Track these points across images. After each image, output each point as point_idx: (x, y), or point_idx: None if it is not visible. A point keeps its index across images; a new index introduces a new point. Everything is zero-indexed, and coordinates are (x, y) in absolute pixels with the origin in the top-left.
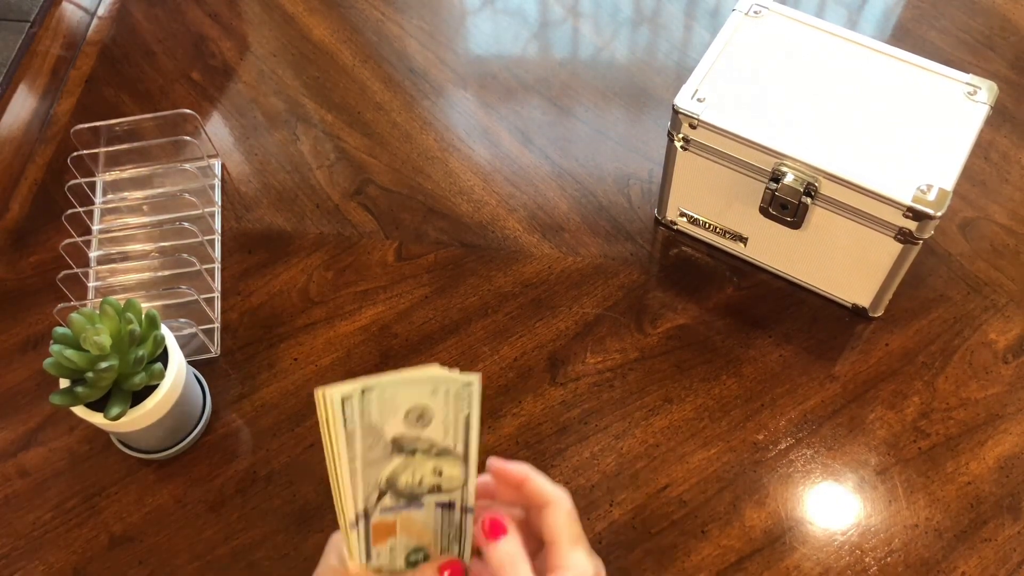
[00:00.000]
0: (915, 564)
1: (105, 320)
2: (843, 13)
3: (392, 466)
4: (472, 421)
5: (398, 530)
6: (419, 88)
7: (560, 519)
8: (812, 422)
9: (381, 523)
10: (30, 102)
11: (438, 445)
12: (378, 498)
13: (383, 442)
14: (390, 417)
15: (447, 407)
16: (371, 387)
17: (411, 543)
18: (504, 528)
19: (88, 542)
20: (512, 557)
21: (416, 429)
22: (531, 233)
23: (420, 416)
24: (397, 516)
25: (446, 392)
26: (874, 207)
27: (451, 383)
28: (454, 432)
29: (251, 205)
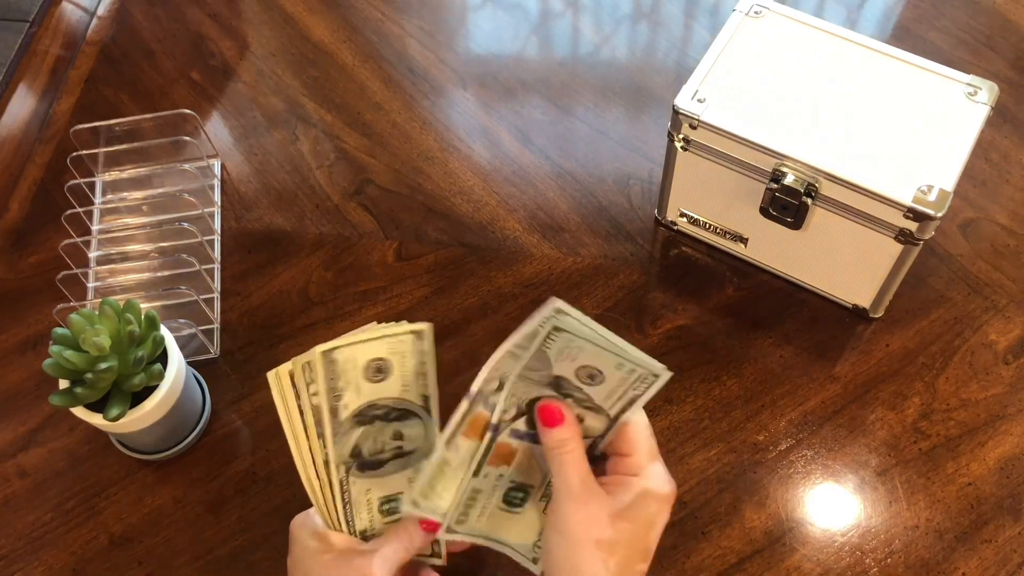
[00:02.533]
0: (915, 565)
1: (104, 321)
2: (843, 13)
3: (542, 393)
4: (639, 402)
5: (515, 460)
6: (419, 88)
7: (641, 431)
8: (812, 423)
9: (505, 446)
10: (29, 102)
11: (595, 403)
12: (514, 416)
13: (548, 372)
14: (566, 361)
15: (624, 382)
16: (567, 329)
17: (518, 476)
18: (562, 417)
19: (87, 543)
20: (565, 442)
21: (583, 382)
22: (531, 233)
23: (592, 376)
24: (520, 445)
25: (631, 371)
26: (874, 208)
27: (639, 368)
28: (616, 399)
29: (251, 205)
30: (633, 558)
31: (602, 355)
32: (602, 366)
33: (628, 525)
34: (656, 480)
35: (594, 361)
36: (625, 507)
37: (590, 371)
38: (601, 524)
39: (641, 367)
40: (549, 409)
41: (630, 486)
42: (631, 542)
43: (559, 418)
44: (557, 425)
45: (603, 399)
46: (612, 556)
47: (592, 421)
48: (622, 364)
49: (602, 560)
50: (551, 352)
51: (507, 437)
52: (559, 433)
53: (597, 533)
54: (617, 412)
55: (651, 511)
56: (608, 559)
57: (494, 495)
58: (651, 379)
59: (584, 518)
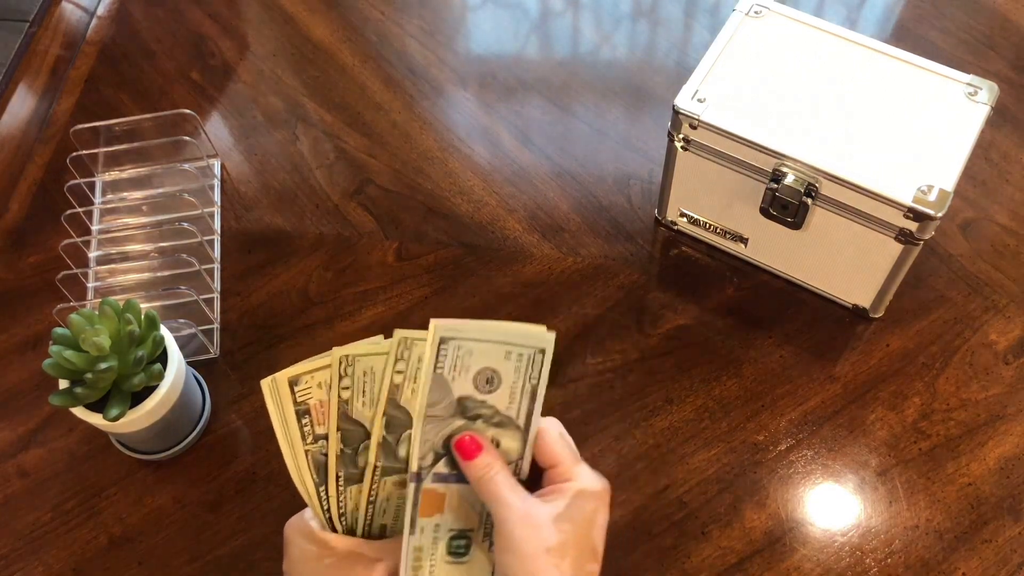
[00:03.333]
0: (915, 565)
1: (104, 321)
2: (843, 13)
3: (453, 427)
4: (539, 388)
5: (446, 506)
6: (419, 88)
7: (556, 440)
8: (812, 423)
9: (432, 492)
10: (29, 102)
11: (501, 413)
12: (433, 461)
13: (450, 399)
14: (462, 374)
15: (517, 372)
16: (450, 337)
17: (455, 523)
18: (478, 445)
19: (87, 543)
20: (489, 466)
21: (483, 392)
22: (531, 233)
23: (489, 380)
24: (447, 489)
25: (519, 356)
26: (875, 208)
27: (524, 348)
28: (520, 397)
29: (251, 205)
30: (582, 558)
31: (490, 350)
32: (493, 363)
33: (570, 526)
34: (586, 479)
35: (485, 360)
36: (564, 510)
37: (486, 375)
38: (546, 530)
39: (524, 345)
40: (463, 442)
41: (564, 491)
42: (577, 543)
43: (476, 447)
44: (476, 455)
45: (506, 404)
46: (563, 559)
47: (508, 442)
48: (509, 351)
49: (555, 566)
50: (445, 370)
51: (432, 483)
52: (480, 460)
53: (545, 541)
54: (525, 416)
55: (589, 508)
56: (560, 563)
57: (437, 549)
58: (539, 358)
59: (528, 530)
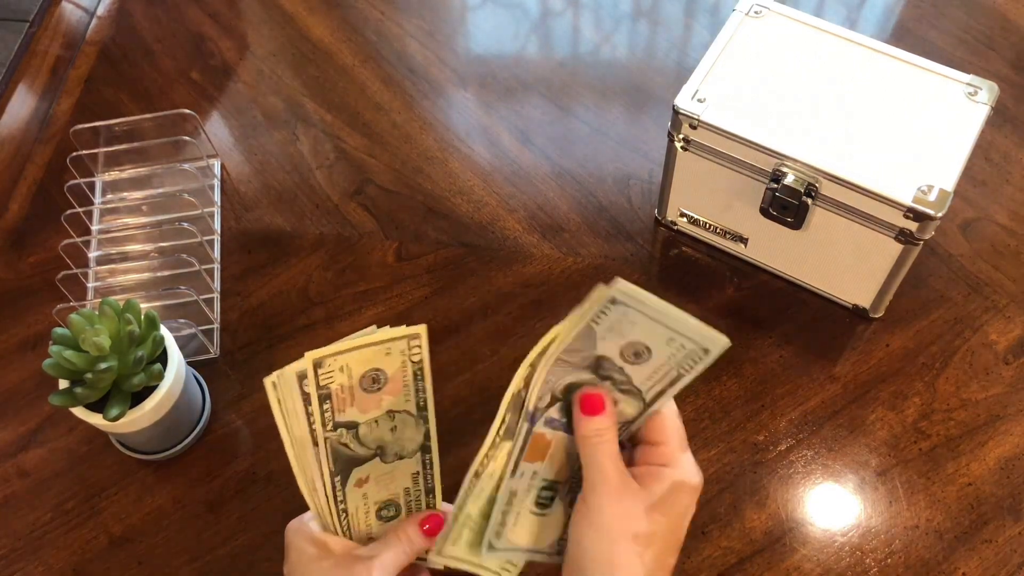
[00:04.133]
0: (915, 565)
1: (104, 321)
2: (843, 13)
3: (579, 378)
4: (684, 381)
5: (548, 455)
6: (419, 88)
7: (672, 421)
8: (812, 423)
9: (540, 438)
10: (29, 102)
11: (634, 385)
12: (549, 403)
13: (590, 352)
14: (614, 338)
15: (671, 359)
16: (621, 302)
17: (549, 474)
18: (603, 406)
19: (87, 543)
20: (603, 431)
21: (627, 361)
22: (531, 233)
23: (638, 354)
24: (554, 436)
25: (681, 346)
26: (875, 208)
27: (689, 342)
28: (659, 380)
29: (251, 205)
30: (667, 551)
31: (654, 329)
32: (652, 342)
33: (663, 518)
34: (688, 471)
35: (644, 336)
36: (659, 499)
37: (637, 348)
38: (637, 517)
39: (693, 341)
40: (589, 397)
41: (662, 477)
42: (666, 535)
43: (600, 406)
44: (598, 414)
45: (644, 379)
46: (648, 550)
47: (625, 406)
48: (673, 338)
49: (638, 554)
50: (600, 328)
51: (542, 427)
52: (598, 422)
53: (634, 527)
54: (655, 395)
55: (684, 503)
56: (644, 553)
57: (528, 497)
58: (700, 356)
59: (621, 511)
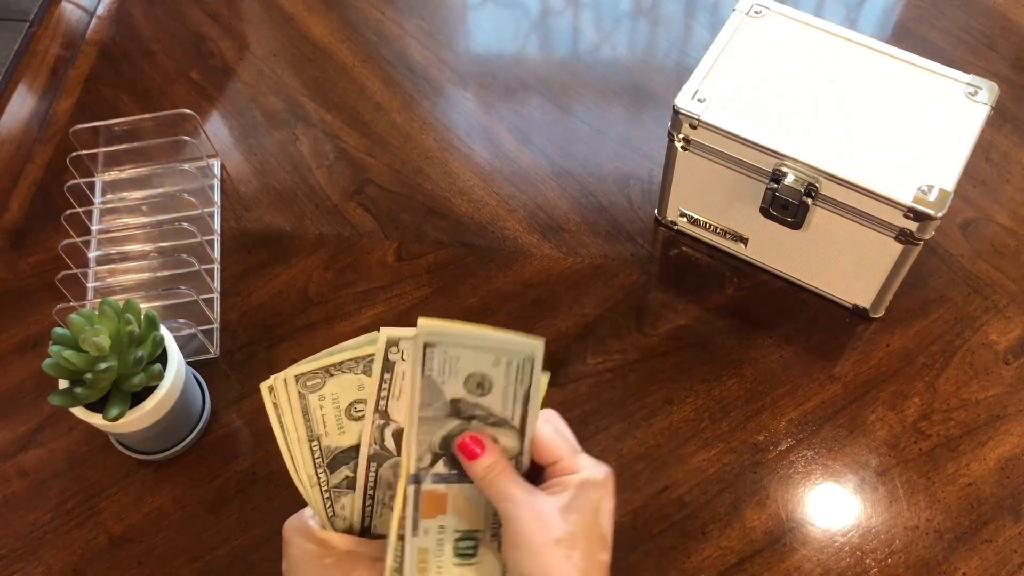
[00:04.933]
0: (916, 565)
1: (104, 321)
2: (843, 12)
3: (448, 428)
4: (532, 393)
5: (449, 507)
6: (419, 88)
7: (552, 437)
8: (812, 423)
9: (433, 494)
10: (29, 102)
11: (496, 415)
12: (431, 462)
13: (442, 401)
14: (452, 377)
15: (508, 379)
16: (434, 343)
17: (461, 524)
18: (481, 445)
19: (87, 543)
20: (492, 466)
21: (476, 395)
22: (531, 233)
23: (480, 384)
24: (449, 489)
25: (508, 363)
26: (875, 208)
27: (512, 356)
28: (512, 402)
29: (250, 205)
30: (593, 548)
31: (478, 356)
32: (482, 369)
33: (577, 516)
34: (588, 469)
35: (474, 366)
36: (570, 500)
37: (477, 379)
38: (553, 522)
39: (513, 353)
40: (465, 444)
41: (568, 482)
42: (586, 533)
43: (479, 447)
44: (481, 454)
45: (501, 408)
46: (574, 550)
47: (505, 441)
48: (498, 359)
49: (566, 557)
50: (434, 374)
51: (431, 484)
52: (483, 461)
53: (553, 532)
54: (520, 418)
55: (594, 497)
56: (571, 554)
57: (444, 551)
58: (529, 365)
59: (536, 523)
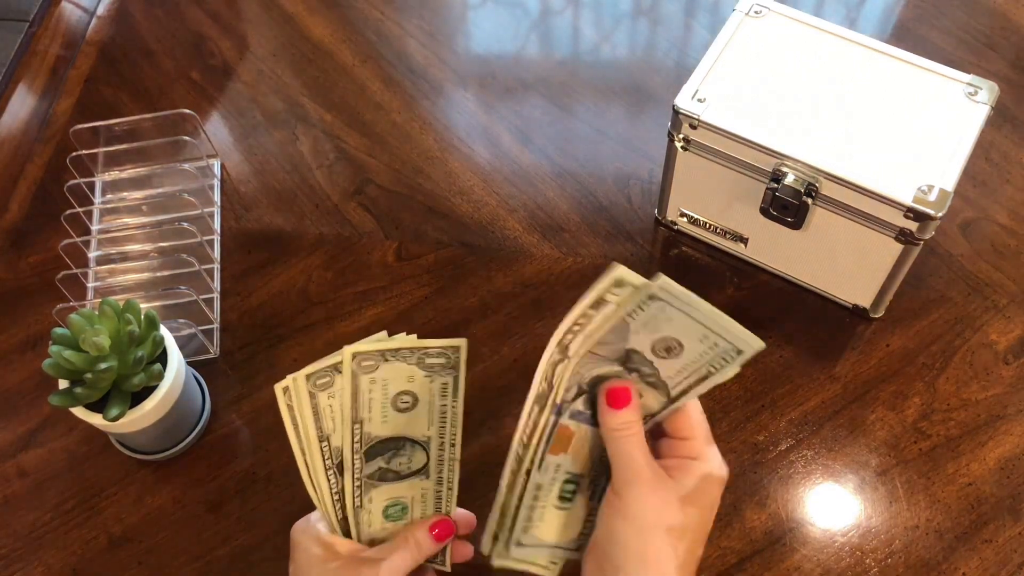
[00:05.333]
0: (916, 565)
1: (104, 321)
2: (843, 12)
3: (606, 370)
4: (716, 377)
5: (571, 446)
6: (419, 88)
7: (698, 416)
8: (812, 423)
9: (564, 430)
10: (29, 102)
11: (659, 378)
12: (575, 396)
13: (621, 345)
14: (646, 333)
15: (703, 356)
16: (661, 298)
17: (572, 467)
18: (629, 398)
19: (87, 543)
20: (630, 424)
21: (657, 355)
22: (531, 233)
23: (669, 349)
24: (577, 428)
25: (714, 345)
26: (875, 207)
27: (723, 341)
28: (687, 376)
29: (250, 205)
30: (697, 543)
31: (690, 326)
32: (685, 338)
33: (695, 510)
34: (716, 464)
35: (678, 332)
36: (691, 492)
37: (669, 343)
38: (672, 509)
39: (726, 340)
40: (615, 390)
41: (692, 470)
42: (697, 528)
43: (627, 399)
44: (625, 406)
45: (672, 374)
46: (681, 542)
47: (649, 399)
48: (707, 336)
49: (672, 546)
50: (635, 323)
51: (567, 419)
52: (625, 415)
53: (668, 519)
54: (681, 391)
55: (713, 495)
56: (678, 545)
57: (552, 490)
58: (732, 355)
59: (655, 504)
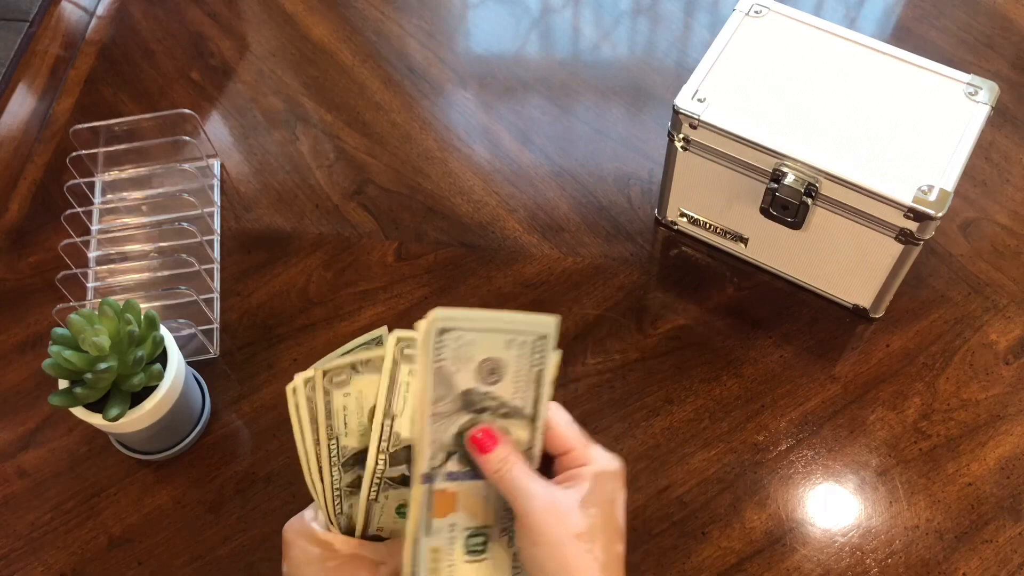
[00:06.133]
0: (916, 565)
1: (104, 321)
2: (843, 12)
3: (460, 424)
4: (545, 373)
5: (459, 504)
6: (418, 88)
7: (565, 426)
8: (813, 423)
9: (444, 493)
10: (29, 102)
11: (508, 404)
12: (444, 460)
13: (454, 393)
14: (464, 366)
15: (520, 361)
16: (449, 328)
17: (471, 521)
18: (494, 438)
19: (87, 543)
20: (505, 458)
21: (488, 384)
22: (531, 233)
23: (493, 371)
24: (460, 487)
25: (521, 344)
26: (875, 208)
27: (525, 336)
28: (525, 386)
29: (250, 205)
30: (611, 540)
31: (492, 338)
32: (496, 352)
33: (596, 509)
34: (603, 460)
35: (487, 351)
36: (587, 493)
37: (489, 365)
38: (573, 517)
39: (526, 333)
40: (477, 438)
41: (582, 475)
42: (604, 525)
43: (492, 441)
44: (493, 448)
45: (512, 394)
46: (594, 543)
47: (517, 432)
48: (510, 340)
49: (587, 551)
50: (447, 363)
51: (443, 483)
52: (497, 454)
53: (573, 527)
54: (532, 405)
55: (610, 489)
56: (592, 547)
57: (454, 549)
58: (541, 344)
59: (555, 517)
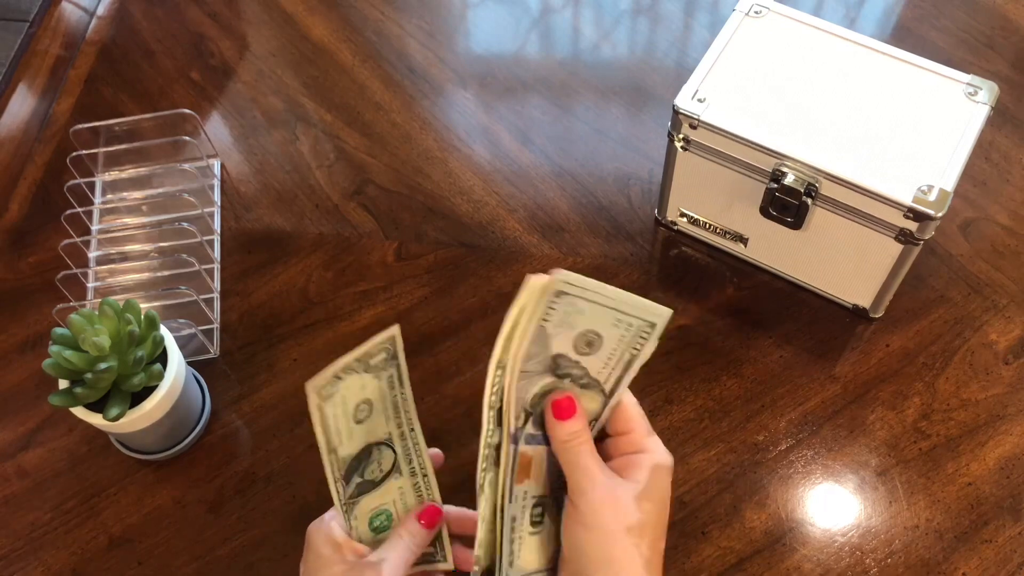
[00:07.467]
0: (916, 565)
1: (104, 321)
2: (842, 12)
3: (541, 385)
4: (639, 358)
5: (532, 471)
6: (418, 88)
7: (634, 407)
8: (812, 423)
9: (524, 456)
10: (29, 102)
11: (591, 377)
12: (525, 421)
13: (546, 354)
14: (565, 331)
15: (620, 341)
16: (566, 292)
17: (536, 490)
18: (574, 408)
19: (87, 543)
20: (578, 433)
21: (581, 353)
22: (531, 233)
23: (590, 343)
24: (535, 452)
25: (628, 326)
26: (875, 208)
27: (635, 319)
28: (614, 365)
29: (250, 205)
30: (658, 537)
31: (601, 313)
32: (600, 327)
33: (651, 505)
34: (660, 453)
35: (593, 323)
36: (644, 487)
37: (588, 337)
38: (629, 509)
39: (638, 318)
40: (562, 402)
41: (641, 464)
42: (656, 522)
43: (572, 408)
44: (571, 416)
45: (599, 369)
46: (643, 539)
47: (587, 402)
48: (619, 319)
49: (635, 545)
50: (551, 325)
51: (523, 446)
52: (572, 424)
53: (627, 520)
54: (613, 384)
55: (664, 485)
56: (640, 543)
57: (524, 519)
58: (647, 332)
59: (612, 507)
